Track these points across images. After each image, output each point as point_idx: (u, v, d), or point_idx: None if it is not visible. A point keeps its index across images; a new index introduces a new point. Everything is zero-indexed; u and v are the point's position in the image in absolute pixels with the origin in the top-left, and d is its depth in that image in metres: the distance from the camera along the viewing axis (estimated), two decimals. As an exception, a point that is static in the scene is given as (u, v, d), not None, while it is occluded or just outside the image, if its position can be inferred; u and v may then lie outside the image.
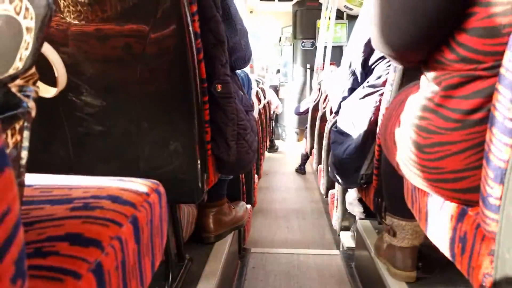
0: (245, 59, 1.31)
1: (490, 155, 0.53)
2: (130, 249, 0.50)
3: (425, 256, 1.17)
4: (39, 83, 0.59)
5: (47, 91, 0.63)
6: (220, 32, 1.03)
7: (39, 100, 0.61)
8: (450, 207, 0.68)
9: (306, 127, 3.77)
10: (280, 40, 6.61)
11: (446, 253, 0.70)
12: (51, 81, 0.63)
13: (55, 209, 0.51)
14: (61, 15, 0.91)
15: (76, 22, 0.91)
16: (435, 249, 0.78)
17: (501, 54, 0.53)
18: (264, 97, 3.63)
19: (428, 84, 0.72)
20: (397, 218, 1.15)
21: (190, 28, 0.91)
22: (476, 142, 0.61)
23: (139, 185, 0.60)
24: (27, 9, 0.41)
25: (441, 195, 0.70)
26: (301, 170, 4.03)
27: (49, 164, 0.99)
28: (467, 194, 0.65)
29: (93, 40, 0.92)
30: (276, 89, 6.15)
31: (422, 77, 0.76)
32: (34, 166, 0.97)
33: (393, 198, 1.15)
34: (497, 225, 0.53)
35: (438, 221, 0.72)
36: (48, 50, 0.57)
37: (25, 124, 0.43)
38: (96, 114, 0.95)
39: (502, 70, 0.51)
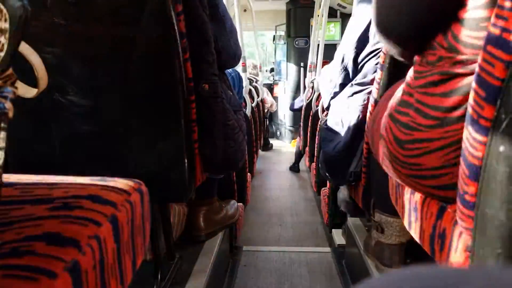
0: (235, 58, 1.31)
1: (466, 152, 0.54)
2: (109, 248, 0.50)
3: (412, 252, 1.18)
4: (20, 84, 0.59)
5: (28, 92, 0.63)
6: (207, 32, 1.03)
7: (25, 100, 0.62)
8: (431, 204, 0.69)
9: (300, 125, 3.78)
10: (274, 38, 6.61)
11: (427, 249, 0.70)
12: (34, 81, 0.63)
13: (34, 208, 0.51)
14: (48, 15, 0.91)
15: (63, 22, 0.91)
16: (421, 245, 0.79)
17: (478, 48, 0.54)
18: (258, 95, 3.63)
19: (410, 81, 0.72)
20: (386, 215, 1.16)
21: (176, 27, 0.91)
22: (454, 140, 0.62)
23: (120, 184, 0.60)
24: (0, 10, 0.42)
25: (421, 192, 0.71)
26: (295, 168, 4.04)
27: (35, 164, 0.99)
28: (446, 191, 0.66)
29: (79, 40, 0.92)
30: (270, 87, 6.15)
31: (407, 74, 0.76)
32: (20, 166, 0.97)
33: (381, 195, 1.16)
34: (472, 222, 0.54)
35: (419, 218, 0.73)
36: (27, 51, 0.57)
37: (2, 125, 0.43)
38: (82, 114, 0.95)
39: (477, 69, 0.52)
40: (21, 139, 0.96)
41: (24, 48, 0.53)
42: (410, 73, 0.75)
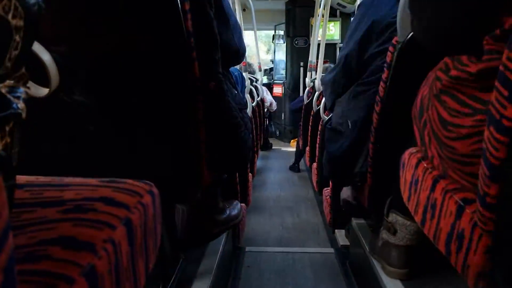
0: (239, 55, 1.30)
1: (486, 153, 0.53)
2: (124, 252, 0.49)
3: (419, 254, 1.17)
4: (30, 84, 0.58)
5: (39, 92, 0.62)
6: (213, 30, 1.02)
7: (30, 100, 0.60)
8: (450, 203, 0.68)
9: (300, 125, 3.77)
10: (273, 38, 6.60)
11: (442, 249, 0.69)
12: (43, 81, 0.62)
13: (46, 211, 0.50)
14: (53, 13, 0.89)
15: (68, 20, 0.90)
16: (429, 247, 0.78)
17: None
18: (258, 95, 3.61)
19: (450, 66, 0.71)
20: (402, 216, 1.13)
21: (184, 26, 0.90)
22: (479, 131, 0.61)
23: (132, 186, 0.59)
24: (16, 8, 0.40)
25: (458, 177, 0.71)
26: (295, 168, 4.03)
27: (41, 165, 0.97)
28: (475, 179, 0.65)
29: (85, 38, 0.90)
30: (270, 87, 6.14)
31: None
32: (25, 167, 0.95)
33: (400, 195, 1.14)
34: (493, 225, 0.53)
35: (437, 216, 0.72)
36: (39, 50, 0.56)
37: (16, 126, 0.42)
38: (88, 114, 0.94)
39: (501, 67, 0.51)
40: (27, 140, 0.94)
41: (36, 47, 0.51)
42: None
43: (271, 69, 6.98)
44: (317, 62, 3.52)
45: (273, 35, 6.55)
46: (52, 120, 0.94)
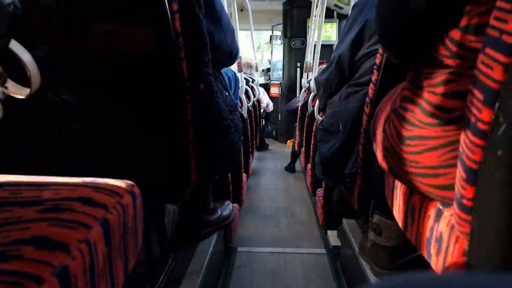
0: (231, 56, 1.29)
1: (463, 156, 0.53)
2: (100, 252, 0.49)
3: (407, 254, 1.18)
4: (11, 83, 0.58)
5: (20, 92, 0.62)
6: (202, 31, 1.02)
7: (15, 99, 0.60)
8: (428, 207, 0.69)
9: (296, 126, 3.77)
10: (270, 38, 6.60)
11: (423, 252, 0.70)
12: (26, 81, 0.62)
13: (23, 211, 0.50)
14: (40, 12, 0.89)
15: (56, 19, 0.90)
16: (416, 248, 0.78)
17: None
18: (254, 96, 3.61)
19: (417, 77, 0.72)
20: (385, 217, 1.14)
21: (171, 26, 0.90)
22: (452, 140, 0.62)
23: (112, 186, 0.59)
24: (-11, 8, 0.41)
25: (421, 190, 0.71)
26: (290, 168, 4.03)
27: (26, 164, 0.97)
28: (444, 191, 0.65)
29: (72, 37, 0.90)
30: (267, 88, 6.14)
31: (411, 72, 0.76)
32: (9, 166, 0.95)
33: (382, 197, 1.15)
34: (469, 227, 0.53)
35: (417, 220, 0.72)
36: (19, 49, 0.56)
37: (-11, 125, 0.42)
38: (75, 113, 0.94)
39: (475, 72, 0.51)
40: (10, 138, 0.94)
41: (15, 46, 0.51)
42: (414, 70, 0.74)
43: (268, 69, 6.98)
44: (313, 63, 3.53)
45: (270, 36, 6.55)
46: (39, 119, 0.94)
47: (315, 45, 3.48)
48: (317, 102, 2.32)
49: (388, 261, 1.15)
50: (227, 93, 1.29)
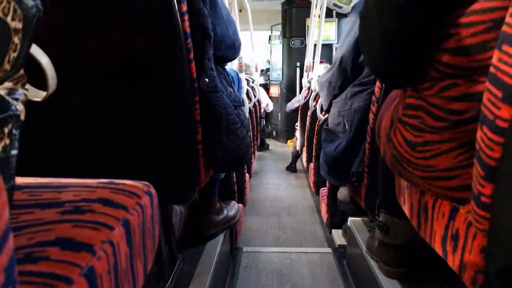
0: (235, 48, 1.28)
1: (481, 153, 0.54)
2: (122, 253, 0.49)
3: (416, 253, 1.18)
4: (29, 87, 0.58)
5: (37, 95, 0.62)
6: (207, 26, 1.01)
7: (29, 101, 0.61)
8: (442, 205, 0.69)
9: (297, 126, 3.78)
10: (270, 38, 6.60)
11: (438, 250, 0.70)
12: (41, 84, 0.62)
13: (45, 213, 0.50)
14: (49, 14, 0.89)
15: (65, 21, 0.90)
16: (426, 245, 0.78)
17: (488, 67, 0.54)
18: (254, 96, 3.62)
19: (422, 83, 0.72)
20: (391, 215, 1.15)
21: (181, 27, 0.90)
22: (465, 141, 0.62)
23: (130, 187, 0.59)
24: (15, 10, 0.41)
25: (434, 193, 0.71)
26: (291, 168, 4.04)
27: (38, 166, 0.97)
28: (459, 192, 0.66)
29: (82, 40, 0.91)
30: (266, 87, 6.14)
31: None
32: (23, 168, 0.95)
33: (387, 195, 1.16)
34: (488, 223, 0.53)
35: (430, 219, 0.73)
36: (37, 52, 0.56)
37: (14, 127, 0.42)
38: (85, 115, 0.94)
39: (491, 69, 0.52)
40: (24, 141, 0.95)
41: (34, 49, 0.52)
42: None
43: (268, 69, 6.98)
44: (313, 62, 3.54)
45: (270, 36, 6.56)
46: (50, 121, 0.94)
47: (315, 44, 3.48)
48: (319, 101, 2.33)
49: (397, 260, 1.15)
50: (231, 89, 1.29)
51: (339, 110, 1.51)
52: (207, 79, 1.04)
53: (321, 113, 2.29)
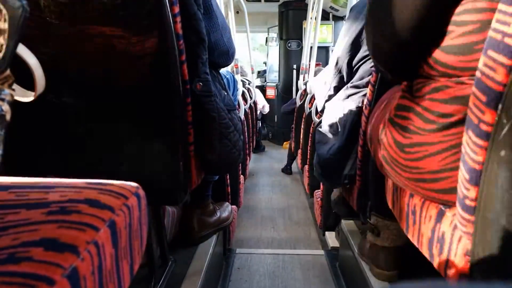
0: (229, 55, 1.29)
1: (466, 157, 0.54)
2: (107, 254, 0.49)
3: (407, 255, 1.18)
4: (17, 87, 0.58)
5: (25, 95, 0.62)
6: (201, 30, 1.02)
7: (17, 101, 0.61)
8: (429, 208, 0.69)
9: (292, 128, 3.78)
10: (266, 40, 6.61)
11: (425, 253, 0.70)
12: (30, 85, 0.62)
13: (31, 213, 0.50)
14: (42, 15, 0.89)
15: (57, 22, 0.90)
16: (417, 248, 0.79)
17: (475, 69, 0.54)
18: (251, 97, 3.62)
19: (412, 86, 0.73)
20: (382, 218, 1.15)
21: (173, 29, 0.90)
22: (452, 144, 0.63)
23: (117, 188, 0.59)
24: (0, 11, 0.41)
25: (421, 195, 0.71)
26: (287, 170, 4.04)
27: (28, 167, 0.97)
28: (445, 194, 0.66)
29: (74, 40, 0.90)
30: (263, 89, 6.15)
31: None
32: (12, 168, 0.95)
33: (378, 197, 1.16)
34: (473, 226, 0.54)
35: (418, 222, 0.73)
36: (25, 53, 0.56)
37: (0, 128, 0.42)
38: (76, 116, 0.94)
39: (477, 74, 0.52)
40: (13, 141, 0.94)
41: (21, 49, 0.52)
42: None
43: (264, 71, 6.99)
44: (309, 65, 3.54)
45: (266, 38, 6.57)
46: (41, 121, 0.94)
47: (311, 47, 3.49)
48: (314, 103, 2.34)
49: (387, 262, 1.15)
50: (225, 93, 1.29)
51: (332, 112, 1.51)
52: (200, 83, 1.04)
53: (316, 115, 2.29)
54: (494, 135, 0.48)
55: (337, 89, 1.56)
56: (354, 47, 1.45)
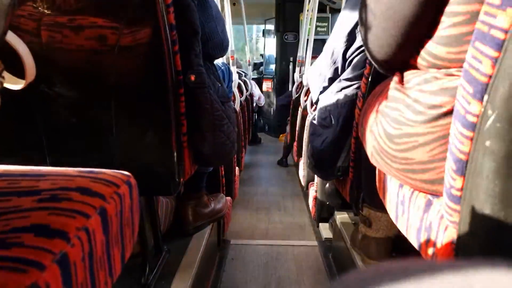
0: (223, 47, 1.29)
1: (452, 147, 0.55)
2: (98, 241, 0.50)
3: (398, 246, 1.20)
4: (7, 75, 0.58)
5: (16, 83, 0.62)
6: (195, 22, 1.02)
7: (10, 91, 0.61)
8: (418, 198, 0.70)
9: (288, 120, 3.79)
10: (263, 33, 6.59)
11: (414, 242, 0.71)
12: (21, 73, 0.62)
13: (22, 200, 0.50)
14: (34, 5, 0.89)
15: (50, 12, 0.90)
16: (407, 239, 0.80)
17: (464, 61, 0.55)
18: (246, 90, 3.62)
19: (403, 77, 0.74)
20: (374, 209, 1.17)
21: (165, 19, 0.90)
22: (441, 135, 0.63)
23: (109, 176, 0.60)
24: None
25: (410, 185, 0.72)
26: (283, 162, 4.05)
27: (22, 156, 0.98)
28: (433, 185, 0.67)
29: (66, 30, 0.90)
30: (259, 82, 6.14)
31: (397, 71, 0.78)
32: (5, 156, 0.95)
33: (370, 189, 1.17)
34: (458, 216, 0.55)
35: (407, 212, 0.74)
36: (15, 40, 0.56)
37: (-12, 115, 0.43)
38: (69, 106, 0.94)
39: (465, 65, 0.53)
40: (6, 130, 0.95)
41: (11, 37, 0.52)
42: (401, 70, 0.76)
43: (261, 63, 6.98)
44: (305, 57, 3.54)
45: (263, 30, 6.55)
46: (33, 111, 0.94)
47: (307, 39, 3.49)
48: (310, 96, 2.34)
49: (378, 252, 1.17)
50: (219, 84, 1.29)
51: (326, 104, 1.51)
52: (194, 75, 1.04)
53: (311, 107, 2.30)
54: (479, 126, 0.49)
55: (331, 80, 1.56)
56: (350, 38, 1.45)
